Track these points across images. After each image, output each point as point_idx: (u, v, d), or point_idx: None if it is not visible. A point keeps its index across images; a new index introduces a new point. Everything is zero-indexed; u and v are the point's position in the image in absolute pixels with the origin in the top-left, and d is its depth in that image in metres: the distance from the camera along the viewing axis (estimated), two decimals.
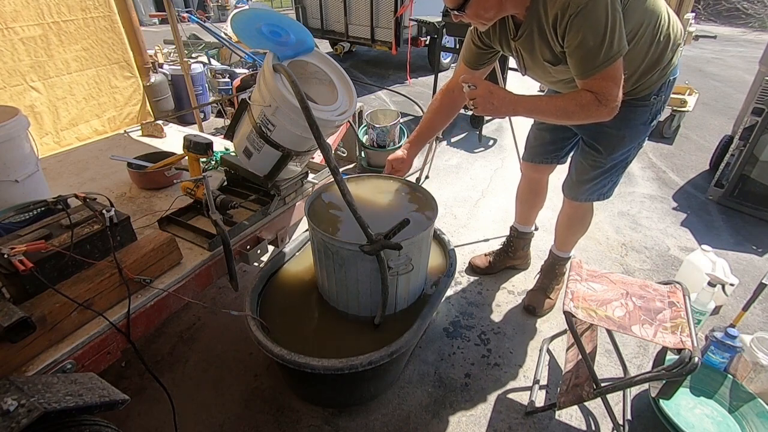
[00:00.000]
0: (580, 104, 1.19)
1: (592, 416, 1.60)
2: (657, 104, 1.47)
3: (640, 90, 1.42)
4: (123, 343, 1.21)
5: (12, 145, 1.46)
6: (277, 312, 1.52)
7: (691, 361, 1.17)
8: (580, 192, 1.73)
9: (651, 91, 1.43)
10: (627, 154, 1.59)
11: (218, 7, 12.12)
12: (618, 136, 1.51)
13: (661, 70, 1.38)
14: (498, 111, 1.27)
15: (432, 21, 4.32)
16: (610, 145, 1.55)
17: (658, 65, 1.37)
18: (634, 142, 1.54)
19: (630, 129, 1.50)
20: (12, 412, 0.77)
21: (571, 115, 1.22)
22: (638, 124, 1.49)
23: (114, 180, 1.95)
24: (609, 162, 1.59)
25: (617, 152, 1.56)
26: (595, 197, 1.73)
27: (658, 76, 1.39)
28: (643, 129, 1.51)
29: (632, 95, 1.43)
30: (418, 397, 1.65)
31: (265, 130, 1.47)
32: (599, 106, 1.18)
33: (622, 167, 1.64)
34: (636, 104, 1.45)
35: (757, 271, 2.37)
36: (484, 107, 1.26)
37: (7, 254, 1.01)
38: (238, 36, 1.42)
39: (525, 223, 2.20)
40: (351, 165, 3.33)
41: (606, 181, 1.67)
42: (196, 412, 1.58)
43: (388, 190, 1.68)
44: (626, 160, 1.61)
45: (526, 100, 1.27)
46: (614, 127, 1.47)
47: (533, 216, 2.18)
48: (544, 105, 1.27)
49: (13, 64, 2.09)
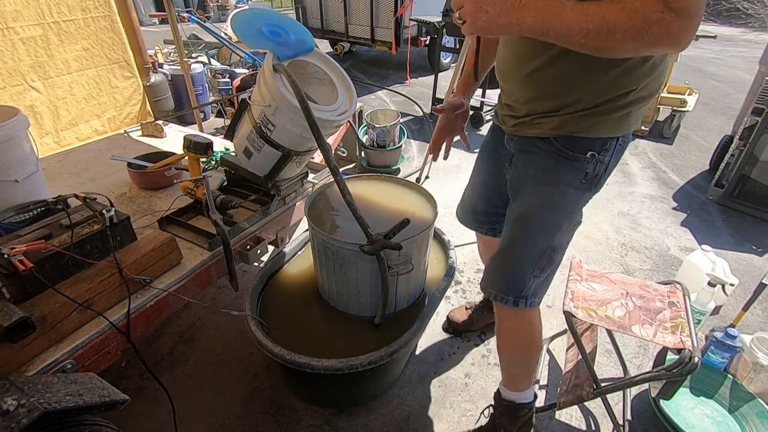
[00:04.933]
0: (633, 8, 0.68)
1: (592, 416, 1.60)
2: (595, 166, 1.02)
3: (581, 125, 0.99)
4: (123, 343, 1.21)
5: (12, 145, 1.46)
6: (277, 312, 1.52)
7: (691, 361, 1.17)
8: (490, 279, 1.22)
9: (593, 136, 0.99)
10: (546, 225, 1.10)
11: (218, 7, 12.12)
12: (538, 183, 1.10)
13: (624, 105, 0.95)
14: (495, 22, 0.77)
15: (432, 21, 4.32)
16: (525, 194, 1.13)
17: (627, 94, 0.94)
18: (556, 211, 1.09)
19: (550, 185, 1.07)
20: (12, 412, 0.77)
21: (613, 30, 0.69)
22: (563, 180, 1.05)
23: (114, 180, 1.95)
24: (524, 225, 1.14)
25: (532, 210, 1.12)
26: (511, 293, 1.16)
27: (612, 118, 0.97)
28: (572, 193, 1.06)
29: (563, 129, 1.00)
30: (418, 397, 1.65)
31: (265, 130, 1.47)
32: (666, 13, 0.66)
33: (541, 250, 1.12)
34: (562, 152, 1.02)
35: (757, 271, 2.37)
36: (474, 20, 0.78)
37: (7, 254, 1.01)
38: (238, 36, 1.42)
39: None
40: (351, 165, 3.33)
41: (522, 266, 1.14)
42: (196, 412, 1.58)
43: (388, 190, 1.68)
44: (546, 236, 1.11)
45: (539, 4, 0.74)
46: (539, 167, 1.08)
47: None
48: (569, 12, 0.72)
49: (14, 64, 2.09)
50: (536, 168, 1.09)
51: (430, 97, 4.58)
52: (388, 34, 5.74)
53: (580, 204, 1.11)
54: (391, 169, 3.47)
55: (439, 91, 4.53)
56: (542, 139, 1.05)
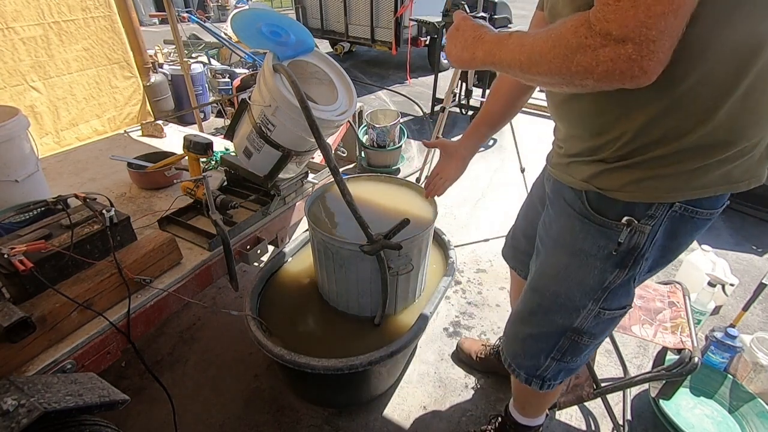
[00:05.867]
0: (557, 34, 0.59)
1: (592, 416, 1.60)
2: (633, 236, 0.78)
3: (616, 181, 0.76)
4: (123, 343, 1.21)
5: (12, 145, 1.46)
6: (277, 312, 1.52)
7: (691, 361, 1.17)
8: (504, 343, 1.13)
9: (629, 200, 0.75)
10: (561, 302, 0.92)
11: (218, 7, 12.12)
12: (557, 246, 0.92)
13: (681, 155, 0.69)
14: (460, 56, 0.79)
15: (432, 21, 4.33)
16: (543, 257, 0.97)
17: (681, 138, 0.68)
18: (573, 286, 0.89)
19: (568, 253, 0.88)
20: (12, 412, 0.77)
21: (538, 62, 0.62)
22: (584, 248, 0.84)
23: (114, 180, 1.95)
24: (540, 293, 0.97)
25: (547, 280, 0.95)
26: (522, 370, 1.06)
27: (659, 174, 0.72)
28: (597, 267, 0.84)
29: (595, 183, 0.79)
30: (418, 397, 1.65)
31: (265, 130, 1.47)
32: (589, 38, 0.55)
33: (558, 331, 0.95)
34: (589, 213, 0.81)
35: (757, 271, 2.37)
36: (449, 54, 0.83)
37: (7, 254, 1.01)
38: (238, 36, 1.42)
39: None
40: (351, 165, 3.33)
41: (535, 345, 1.01)
42: (196, 412, 1.58)
43: (388, 190, 1.68)
44: (564, 315, 0.93)
45: (491, 39, 0.74)
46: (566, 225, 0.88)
47: None
48: (510, 44, 0.68)
49: (14, 64, 2.09)
50: (559, 227, 0.90)
51: (430, 97, 4.58)
52: (388, 34, 5.74)
53: (611, 282, 0.85)
54: (391, 169, 3.47)
55: (439, 92, 4.53)
56: (573, 191, 0.85)
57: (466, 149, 1.29)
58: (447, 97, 2.55)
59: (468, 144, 1.28)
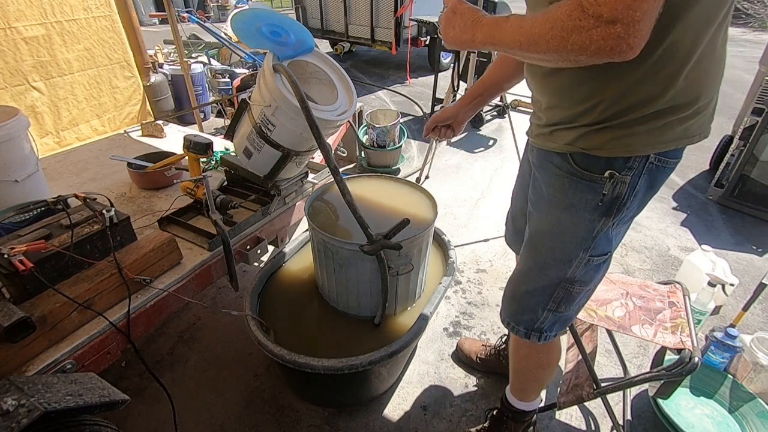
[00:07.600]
0: (553, 17, 0.66)
1: (592, 416, 1.60)
2: (615, 186, 0.88)
3: (597, 141, 0.86)
4: (123, 343, 1.21)
5: (12, 145, 1.46)
6: (277, 312, 1.52)
7: (691, 361, 1.17)
8: (503, 305, 1.20)
9: (610, 156, 0.85)
10: (556, 254, 1.01)
11: (218, 7, 12.13)
12: (550, 206, 1.00)
13: (652, 116, 0.81)
14: (459, 37, 0.86)
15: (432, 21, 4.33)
16: (536, 217, 1.04)
17: (653, 102, 0.79)
18: (567, 238, 0.97)
19: (561, 208, 0.96)
20: (12, 412, 0.77)
21: (537, 41, 0.69)
22: (575, 202, 0.93)
23: (114, 180, 1.95)
24: (536, 250, 1.05)
25: (541, 236, 1.03)
26: (521, 325, 1.14)
27: (635, 131, 0.82)
28: (586, 218, 0.93)
29: (579, 145, 0.88)
30: (418, 397, 1.65)
31: (265, 130, 1.47)
32: (583, 20, 0.62)
33: (553, 282, 1.03)
34: (577, 171, 0.91)
35: (757, 271, 2.37)
36: (445, 35, 0.90)
37: (7, 254, 1.01)
38: (238, 36, 1.42)
39: None
40: (351, 165, 3.33)
41: (532, 298, 1.09)
42: (196, 412, 1.58)
43: (388, 190, 1.68)
44: (558, 266, 1.01)
45: (489, 22, 0.81)
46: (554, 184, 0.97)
47: None
48: (509, 27, 0.75)
49: (16, 64, 2.09)
50: (550, 188, 0.98)
51: (430, 97, 4.58)
52: (388, 34, 5.74)
53: (598, 231, 0.94)
54: (391, 169, 3.47)
55: (439, 91, 4.53)
56: (559, 155, 0.94)
57: (465, 114, 1.37)
58: (447, 97, 2.55)
59: (467, 110, 1.36)
